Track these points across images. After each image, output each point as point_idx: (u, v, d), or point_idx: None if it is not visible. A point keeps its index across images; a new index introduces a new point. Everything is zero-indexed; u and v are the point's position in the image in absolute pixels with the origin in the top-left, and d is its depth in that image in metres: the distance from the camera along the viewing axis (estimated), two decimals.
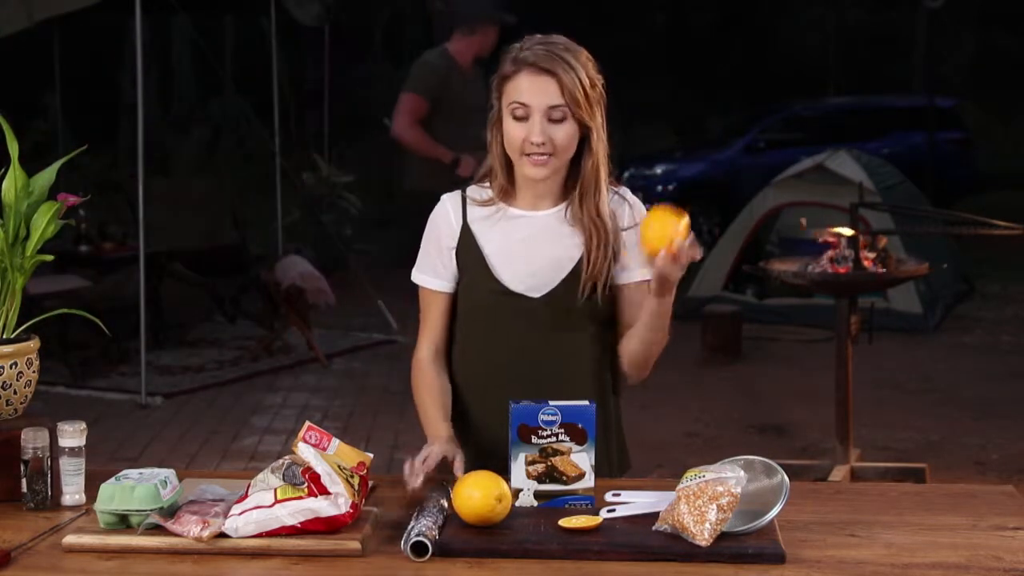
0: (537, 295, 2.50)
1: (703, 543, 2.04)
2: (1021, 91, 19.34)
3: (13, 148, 2.38)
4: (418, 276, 2.63)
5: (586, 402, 2.30)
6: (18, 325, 2.39)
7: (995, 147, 17.33)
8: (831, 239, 5.28)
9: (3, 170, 2.37)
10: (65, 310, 2.68)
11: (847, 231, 5.22)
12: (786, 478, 2.17)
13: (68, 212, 2.44)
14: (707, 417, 6.37)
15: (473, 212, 2.55)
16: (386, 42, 20.98)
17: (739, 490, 2.08)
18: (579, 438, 2.28)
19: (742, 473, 2.13)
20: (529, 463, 2.28)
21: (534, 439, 2.29)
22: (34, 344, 2.39)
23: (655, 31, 21.95)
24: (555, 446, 2.28)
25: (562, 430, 2.28)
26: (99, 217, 8.58)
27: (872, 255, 5.21)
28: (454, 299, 2.61)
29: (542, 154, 2.42)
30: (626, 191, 2.58)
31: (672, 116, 19.42)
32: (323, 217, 10.15)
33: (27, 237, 2.36)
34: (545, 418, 2.29)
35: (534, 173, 2.46)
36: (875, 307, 8.15)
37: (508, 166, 2.51)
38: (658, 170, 13.14)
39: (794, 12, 22.93)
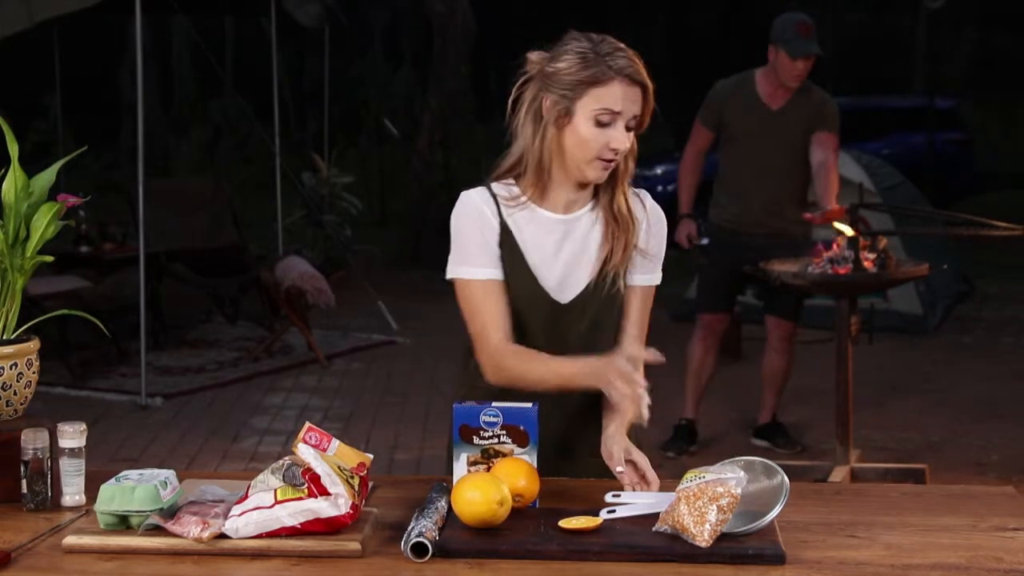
0: (565, 300, 2.49)
1: (703, 544, 2.04)
2: (1021, 91, 19.35)
3: (13, 149, 2.38)
4: (465, 270, 2.47)
5: (529, 404, 2.30)
6: (18, 326, 2.38)
7: (995, 147, 17.33)
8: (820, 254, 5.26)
9: (3, 171, 2.37)
10: (65, 311, 2.68)
11: (847, 229, 5.21)
12: (786, 479, 2.17)
13: (68, 213, 2.44)
14: (707, 418, 6.36)
15: (506, 210, 2.49)
16: (386, 43, 20.99)
17: (739, 491, 2.08)
18: (521, 440, 2.29)
19: (742, 474, 2.13)
20: (471, 464, 2.29)
21: (476, 440, 2.30)
22: (34, 345, 2.38)
23: (655, 31, 21.96)
24: (497, 447, 2.29)
25: (504, 432, 2.29)
26: (99, 218, 8.59)
27: (872, 256, 5.21)
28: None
29: (613, 159, 2.42)
30: (645, 195, 2.57)
31: (672, 117, 19.46)
32: (323, 218, 10.16)
33: (27, 238, 2.36)
34: (487, 419, 2.29)
35: (599, 177, 2.44)
36: (875, 308, 8.17)
37: (544, 166, 2.45)
38: (658, 170, 13.11)
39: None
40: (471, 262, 2.46)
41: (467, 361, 2.58)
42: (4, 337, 2.36)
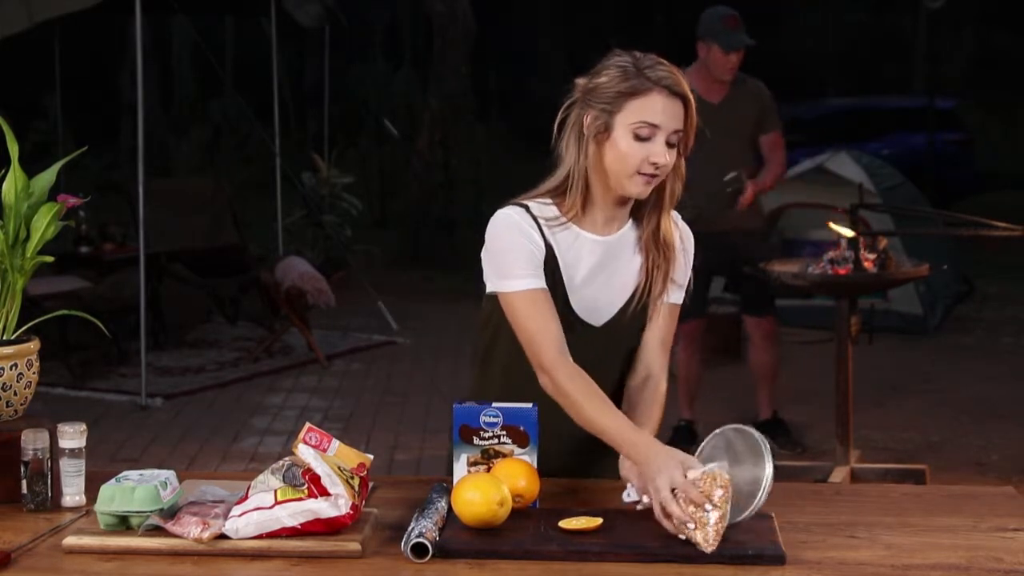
0: (597, 323, 2.47)
1: (710, 549, 2.03)
2: (1021, 91, 19.34)
3: (13, 149, 2.38)
4: (508, 283, 2.40)
5: (529, 405, 2.30)
6: (18, 326, 2.38)
7: (995, 147, 17.33)
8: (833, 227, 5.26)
9: (3, 171, 2.37)
10: (65, 311, 2.68)
11: (847, 231, 5.22)
12: (763, 443, 2.16)
13: (68, 213, 2.44)
14: (707, 417, 6.35)
15: (547, 231, 2.43)
16: (386, 43, 20.99)
17: (727, 475, 2.08)
18: (521, 440, 2.29)
19: (722, 461, 2.14)
20: (471, 464, 2.29)
21: (476, 440, 2.30)
22: (34, 345, 2.38)
23: (655, 31, 21.96)
24: (497, 448, 2.29)
25: (504, 432, 2.29)
26: (99, 218, 8.58)
27: (872, 256, 5.21)
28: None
29: (655, 175, 2.37)
30: (677, 216, 2.54)
31: None
32: (323, 218, 10.16)
33: (27, 238, 2.36)
34: (487, 419, 2.30)
35: (641, 192, 2.39)
36: (875, 308, 8.17)
37: (586, 182, 2.42)
38: None
39: (794, 13, 22.94)
40: (514, 274, 2.39)
41: (483, 367, 2.57)
42: (4, 337, 2.36)
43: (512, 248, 2.40)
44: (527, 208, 2.43)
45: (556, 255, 2.42)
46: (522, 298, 2.38)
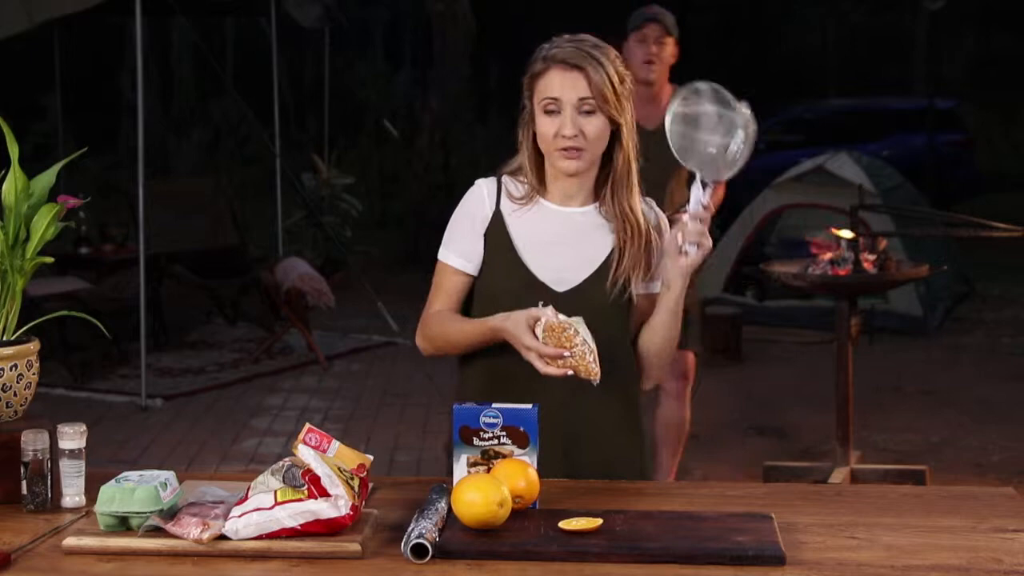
0: (562, 289, 2.52)
1: (598, 378, 2.30)
2: (1021, 91, 19.35)
3: (13, 150, 2.37)
4: (444, 253, 2.61)
5: (529, 406, 2.31)
6: (18, 327, 2.38)
7: (995, 148, 17.34)
8: (822, 248, 5.26)
9: (3, 172, 2.37)
10: (65, 312, 2.68)
11: (847, 233, 5.22)
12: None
13: (68, 214, 2.44)
14: (707, 419, 6.36)
15: (506, 202, 2.57)
16: (386, 43, 20.99)
17: (557, 317, 2.29)
18: (520, 441, 2.29)
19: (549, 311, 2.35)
20: (471, 465, 2.29)
21: (476, 441, 2.30)
22: (34, 346, 2.38)
23: None
24: (497, 449, 2.29)
25: (504, 433, 2.29)
26: (99, 219, 8.59)
27: (872, 257, 5.21)
28: (471, 286, 2.60)
29: (574, 148, 2.47)
30: (653, 203, 2.62)
31: None
32: (323, 219, 10.16)
33: (27, 239, 2.36)
34: (487, 420, 2.30)
35: (567, 167, 2.49)
36: (875, 309, 8.18)
37: (539, 165, 2.56)
38: None
39: (795, 14, 22.93)
40: (451, 248, 2.60)
41: (464, 366, 2.65)
42: (4, 338, 2.36)
43: (460, 222, 2.60)
44: (499, 179, 2.59)
45: (506, 223, 2.55)
46: (444, 270, 2.61)
